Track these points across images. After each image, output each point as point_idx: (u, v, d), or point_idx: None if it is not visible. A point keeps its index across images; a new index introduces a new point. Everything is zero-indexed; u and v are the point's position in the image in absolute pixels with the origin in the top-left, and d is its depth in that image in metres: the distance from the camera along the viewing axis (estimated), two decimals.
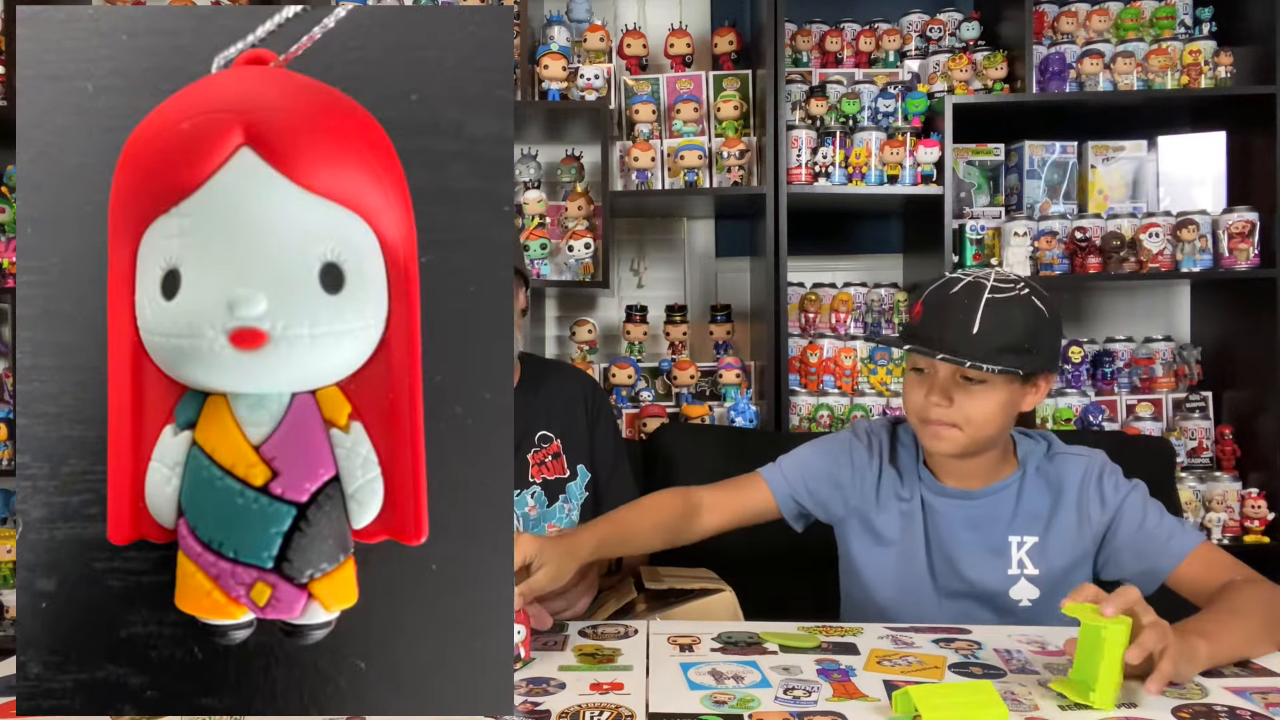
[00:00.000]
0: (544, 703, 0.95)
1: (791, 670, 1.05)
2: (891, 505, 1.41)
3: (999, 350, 1.22)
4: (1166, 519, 1.30)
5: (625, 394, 2.48)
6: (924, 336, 1.26)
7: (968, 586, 1.36)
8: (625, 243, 2.76)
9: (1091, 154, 2.56)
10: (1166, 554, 1.26)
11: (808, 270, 2.69)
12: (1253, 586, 1.18)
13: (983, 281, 1.26)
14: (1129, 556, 1.31)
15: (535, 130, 2.61)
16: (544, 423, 1.64)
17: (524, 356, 1.67)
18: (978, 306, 1.23)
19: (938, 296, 1.28)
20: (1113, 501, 1.32)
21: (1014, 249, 2.40)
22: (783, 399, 2.36)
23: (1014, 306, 1.24)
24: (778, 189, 2.37)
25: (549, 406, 1.65)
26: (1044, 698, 0.97)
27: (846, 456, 1.43)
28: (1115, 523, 1.32)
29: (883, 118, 2.44)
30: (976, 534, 1.36)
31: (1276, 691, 0.99)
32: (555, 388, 1.67)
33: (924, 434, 1.33)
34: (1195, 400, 2.51)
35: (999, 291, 1.25)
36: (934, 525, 1.39)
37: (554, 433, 1.64)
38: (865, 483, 1.42)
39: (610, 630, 1.22)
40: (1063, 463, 1.37)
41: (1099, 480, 1.34)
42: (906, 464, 1.42)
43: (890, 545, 1.40)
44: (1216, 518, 2.35)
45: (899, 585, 1.40)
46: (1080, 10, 2.55)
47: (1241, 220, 2.35)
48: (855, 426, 1.49)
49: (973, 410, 1.27)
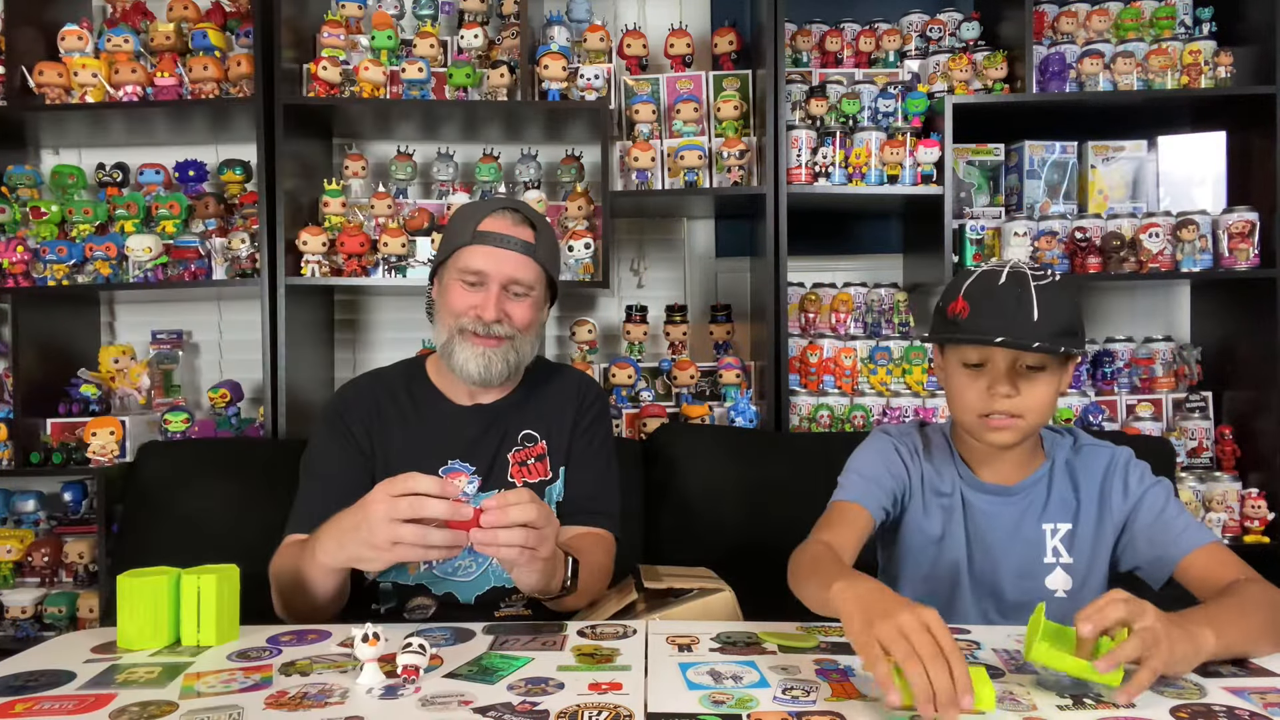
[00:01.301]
0: (542, 703, 0.95)
1: (790, 670, 1.05)
2: (933, 502, 1.42)
3: (1058, 334, 1.24)
4: (1185, 515, 1.33)
5: (625, 394, 2.48)
6: (982, 329, 1.25)
7: (1004, 580, 1.37)
8: (625, 243, 2.76)
9: (1091, 154, 2.56)
10: (1179, 545, 1.29)
11: (808, 270, 2.69)
12: (1259, 587, 1.20)
13: (1024, 270, 1.27)
14: (1144, 543, 1.33)
15: (535, 130, 2.61)
16: (531, 422, 1.60)
17: (535, 361, 1.64)
18: (1030, 294, 1.24)
19: (982, 289, 1.27)
20: (1135, 492, 1.35)
21: (1014, 249, 2.40)
22: (783, 399, 2.36)
23: (1059, 291, 1.26)
24: (778, 189, 2.37)
25: (540, 407, 1.62)
26: (1043, 697, 0.97)
27: (894, 452, 1.44)
28: (1135, 511, 1.35)
29: (883, 118, 2.44)
30: (1015, 526, 1.38)
31: (1275, 691, 0.99)
32: (551, 389, 1.65)
33: (983, 429, 1.32)
34: (1195, 400, 2.51)
35: (1039, 279, 1.26)
36: (973, 521, 1.40)
37: (540, 433, 1.60)
38: (912, 478, 1.43)
39: (609, 630, 1.22)
40: (1089, 454, 1.40)
41: (1124, 471, 1.37)
42: (942, 462, 1.43)
43: (931, 542, 1.41)
44: (1216, 518, 2.35)
45: (932, 582, 1.40)
46: (1080, 10, 2.55)
47: (1241, 220, 2.35)
48: (884, 429, 1.49)
49: (1034, 398, 1.29)
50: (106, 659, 1.11)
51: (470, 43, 2.48)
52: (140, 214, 2.44)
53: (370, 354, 2.75)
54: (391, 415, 1.58)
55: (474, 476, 1.55)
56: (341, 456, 1.54)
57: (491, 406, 1.60)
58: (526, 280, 1.52)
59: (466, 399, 1.60)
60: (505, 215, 1.53)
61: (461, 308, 1.50)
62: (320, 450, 1.57)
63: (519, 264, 1.51)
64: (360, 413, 1.57)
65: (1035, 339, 1.22)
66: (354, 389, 1.64)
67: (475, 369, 1.50)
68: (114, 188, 2.50)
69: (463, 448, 1.56)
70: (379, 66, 2.38)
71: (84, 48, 2.41)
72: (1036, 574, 1.36)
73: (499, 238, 1.50)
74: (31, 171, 2.52)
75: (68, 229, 2.44)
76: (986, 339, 1.24)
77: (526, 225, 1.53)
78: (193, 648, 1.15)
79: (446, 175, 2.53)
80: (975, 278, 1.29)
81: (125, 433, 2.35)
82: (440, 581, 1.51)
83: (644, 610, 1.40)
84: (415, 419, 1.59)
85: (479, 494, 1.54)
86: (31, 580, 2.42)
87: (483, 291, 1.50)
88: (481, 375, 1.51)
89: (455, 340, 1.51)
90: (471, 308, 1.49)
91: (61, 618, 2.34)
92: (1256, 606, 1.14)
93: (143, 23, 2.53)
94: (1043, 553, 1.37)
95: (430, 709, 0.94)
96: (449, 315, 1.52)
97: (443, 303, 1.54)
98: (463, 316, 1.50)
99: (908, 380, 2.47)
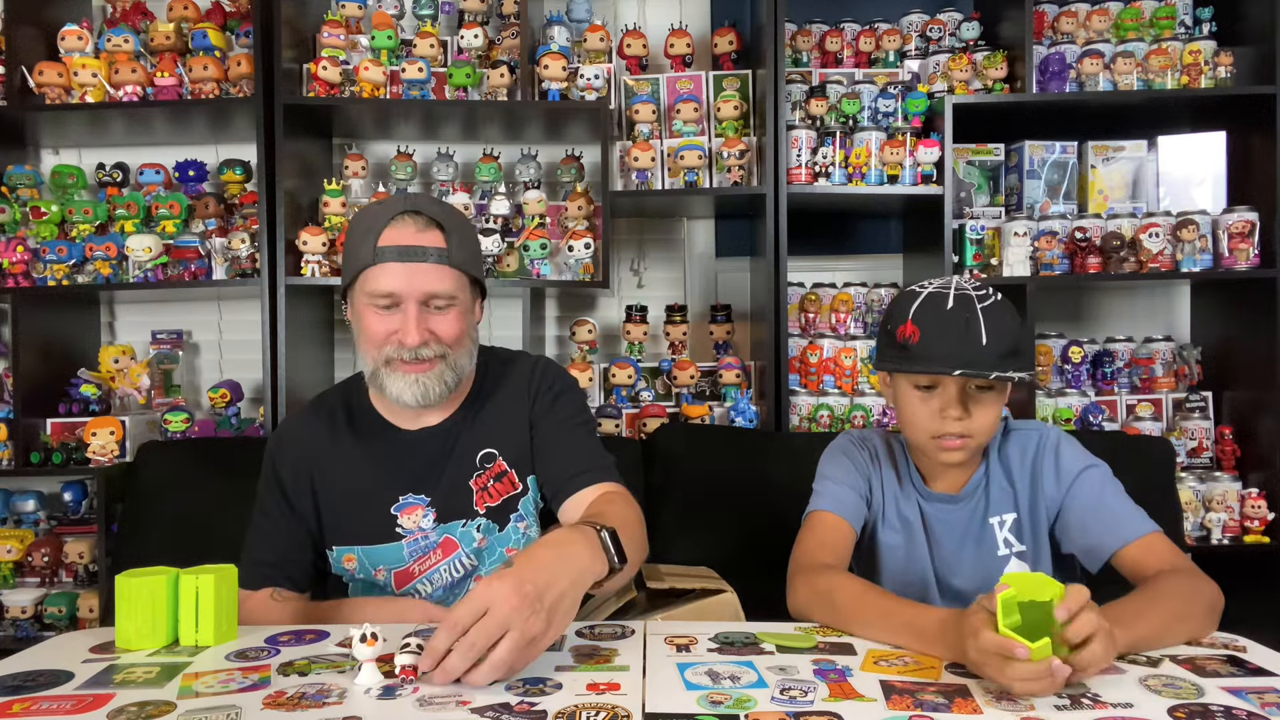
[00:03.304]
0: (540, 703, 0.95)
1: (788, 670, 1.05)
2: (893, 512, 1.45)
3: (1005, 356, 1.26)
4: (1124, 502, 1.34)
5: (625, 394, 2.48)
6: (932, 355, 1.28)
7: (967, 582, 1.40)
8: (625, 243, 2.76)
9: (1091, 154, 2.56)
10: (1115, 534, 1.31)
11: (808, 270, 2.69)
12: (1178, 577, 1.22)
13: (969, 292, 1.30)
14: (1077, 531, 1.35)
15: (535, 130, 2.61)
16: (486, 438, 1.47)
17: (480, 364, 1.51)
18: (978, 317, 1.26)
19: (930, 313, 1.30)
20: (1067, 474, 1.37)
21: (1014, 249, 2.40)
22: (783, 399, 2.36)
23: (1004, 313, 1.29)
24: (778, 189, 2.37)
25: (493, 418, 1.48)
26: (1041, 697, 0.96)
27: (860, 457, 1.46)
28: (1069, 495, 1.36)
29: (883, 118, 2.44)
30: (966, 529, 1.42)
31: (1273, 691, 0.99)
32: (502, 392, 1.51)
33: (935, 449, 1.35)
34: (1195, 400, 2.51)
35: (983, 300, 1.29)
36: (931, 530, 1.43)
37: (496, 448, 1.47)
38: (873, 485, 1.46)
39: (607, 630, 1.22)
40: (1016, 439, 1.42)
41: (1055, 452, 1.39)
42: (900, 472, 1.46)
43: (895, 550, 1.44)
44: (1216, 518, 2.35)
45: (904, 592, 1.41)
46: (1080, 10, 2.55)
47: (1241, 220, 2.35)
48: (849, 435, 1.52)
49: (984, 419, 1.32)
50: (104, 659, 1.11)
51: (470, 43, 2.48)
52: (140, 214, 2.44)
53: None
54: (331, 455, 1.46)
55: (429, 509, 1.44)
56: (274, 508, 1.47)
57: (440, 428, 1.47)
58: (446, 291, 1.35)
59: (412, 422, 1.46)
60: (406, 221, 1.35)
61: (381, 336, 1.35)
62: (259, 498, 1.49)
63: (434, 276, 1.34)
64: (293, 458, 1.46)
65: (986, 363, 1.25)
66: (290, 429, 1.52)
67: (411, 398, 1.37)
68: (114, 188, 2.50)
69: (414, 480, 1.44)
70: (379, 66, 2.38)
71: (84, 48, 2.41)
72: (995, 568, 1.39)
73: (405, 250, 1.32)
74: (31, 171, 2.52)
75: (68, 229, 2.45)
76: (944, 370, 1.27)
77: (433, 228, 1.36)
78: (191, 648, 1.15)
79: (446, 175, 2.53)
80: (922, 301, 1.31)
81: (125, 433, 2.35)
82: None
83: (646, 610, 1.40)
84: (359, 454, 1.46)
85: (437, 525, 1.44)
86: (31, 580, 2.42)
87: (399, 314, 1.34)
88: (420, 402, 1.38)
89: (383, 371, 1.37)
90: (391, 334, 1.35)
91: (61, 618, 2.34)
92: (1169, 598, 1.17)
93: (143, 23, 2.53)
94: (996, 546, 1.40)
95: (428, 709, 0.94)
96: (370, 345, 1.37)
97: (360, 330, 1.39)
98: (385, 345, 1.35)
99: None
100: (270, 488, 1.47)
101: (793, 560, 1.36)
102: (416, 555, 1.44)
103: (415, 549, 1.44)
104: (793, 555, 1.37)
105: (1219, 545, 2.33)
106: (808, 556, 1.35)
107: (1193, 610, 1.17)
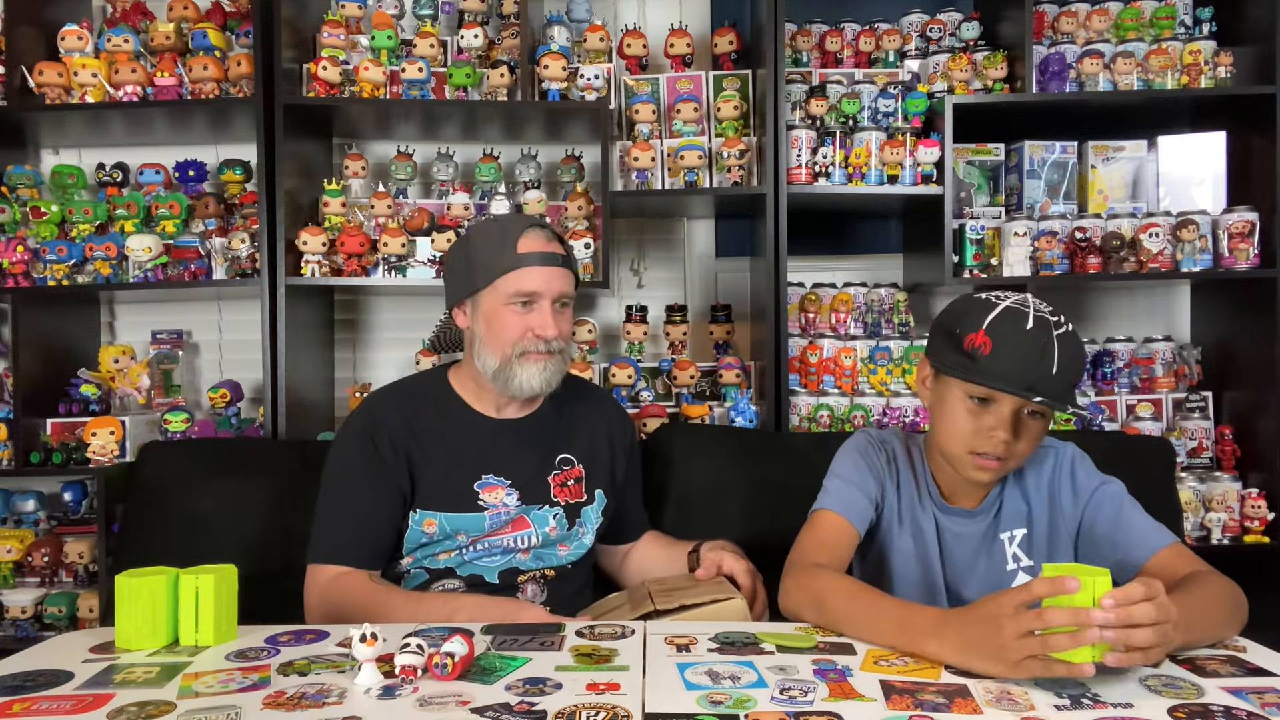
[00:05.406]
0: (540, 703, 0.95)
1: (788, 670, 1.05)
2: (908, 518, 1.44)
3: (1069, 387, 1.27)
4: (1143, 516, 1.35)
5: (625, 394, 2.48)
6: (1003, 372, 1.24)
7: (974, 594, 1.39)
8: (625, 243, 2.76)
9: (1091, 154, 2.56)
10: (1141, 548, 1.32)
11: (808, 270, 2.69)
12: (1218, 578, 1.24)
13: (1048, 316, 1.26)
14: (1106, 547, 1.35)
15: (535, 130, 2.61)
16: (567, 445, 1.67)
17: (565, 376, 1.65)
18: (1054, 345, 1.24)
19: (1008, 330, 1.25)
20: (1084, 492, 1.38)
21: (1014, 249, 2.40)
22: (783, 399, 2.36)
23: (1074, 343, 1.27)
24: (778, 189, 2.37)
25: (573, 431, 1.68)
26: (1041, 696, 0.97)
27: (876, 460, 1.45)
28: (1091, 516, 1.37)
29: (883, 118, 2.44)
30: (979, 543, 1.42)
31: (1273, 691, 0.99)
32: (582, 413, 1.71)
33: (969, 464, 1.33)
34: (1195, 400, 2.51)
35: (1059, 327, 1.26)
36: (945, 541, 1.43)
37: (576, 457, 1.67)
38: (887, 489, 1.45)
39: (607, 630, 1.22)
40: (1033, 456, 1.40)
41: (1071, 470, 1.40)
42: (918, 478, 1.45)
43: (908, 557, 1.43)
44: (1216, 518, 2.35)
45: (914, 595, 1.42)
46: (1080, 10, 2.55)
47: (1241, 220, 2.35)
48: (868, 435, 1.50)
49: (1026, 444, 1.31)
50: (104, 659, 1.11)
51: (470, 43, 2.48)
52: (140, 214, 2.44)
53: (370, 354, 2.75)
54: (425, 432, 1.60)
55: (510, 489, 1.59)
56: (373, 482, 1.55)
57: (521, 422, 1.65)
58: (570, 292, 1.59)
59: (494, 411, 1.64)
60: (538, 233, 1.57)
61: (518, 332, 1.54)
62: (349, 472, 1.57)
63: (564, 279, 1.58)
64: (391, 432, 1.58)
65: (1054, 392, 1.24)
66: (382, 405, 1.64)
67: (539, 383, 1.56)
68: (114, 188, 2.50)
69: (497, 462, 1.60)
70: (379, 66, 2.38)
71: (84, 48, 2.41)
72: (1002, 582, 1.39)
73: (544, 256, 1.54)
74: (31, 171, 2.52)
75: (68, 229, 2.45)
76: (1013, 390, 1.24)
77: (555, 240, 1.59)
78: (191, 648, 1.15)
79: (446, 175, 2.53)
80: (1000, 314, 1.27)
81: (125, 433, 2.35)
82: (467, 565, 1.57)
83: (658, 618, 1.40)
84: (448, 434, 1.61)
85: (520, 505, 1.59)
86: (31, 580, 2.42)
87: (535, 312, 1.55)
88: (545, 388, 1.57)
89: (515, 362, 1.55)
90: (529, 329, 1.54)
91: (61, 618, 2.34)
92: (1219, 598, 1.20)
93: (143, 23, 2.53)
94: (1005, 561, 1.41)
95: (428, 709, 0.94)
96: (503, 343, 1.55)
97: (492, 329, 1.56)
98: (521, 339, 1.54)
99: (908, 380, 2.47)
100: (368, 463, 1.56)
101: (789, 558, 1.36)
102: (496, 527, 1.59)
103: (496, 522, 1.59)
104: (790, 553, 1.37)
105: (1219, 545, 2.32)
106: (804, 556, 1.35)
107: (1234, 612, 1.20)
